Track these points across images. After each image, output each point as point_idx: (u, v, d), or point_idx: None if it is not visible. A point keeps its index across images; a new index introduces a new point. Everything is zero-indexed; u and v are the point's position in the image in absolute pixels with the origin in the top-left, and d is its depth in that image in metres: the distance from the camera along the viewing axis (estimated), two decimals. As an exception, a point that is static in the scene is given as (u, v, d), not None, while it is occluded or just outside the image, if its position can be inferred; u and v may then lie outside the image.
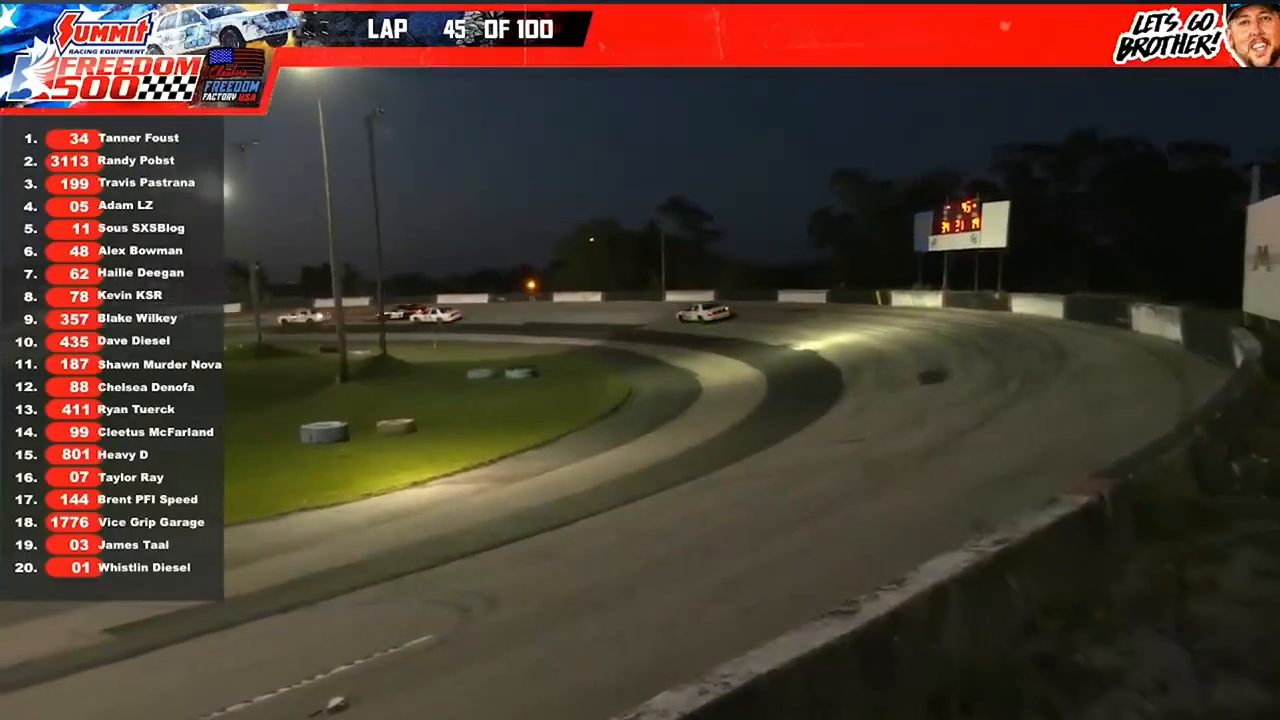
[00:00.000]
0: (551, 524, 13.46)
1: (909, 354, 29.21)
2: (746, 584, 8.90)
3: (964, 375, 23.74)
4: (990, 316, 33.87)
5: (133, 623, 9.61)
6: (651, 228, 70.68)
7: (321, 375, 33.04)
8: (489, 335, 51.16)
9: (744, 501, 13.78)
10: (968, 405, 19.53)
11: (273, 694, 7.27)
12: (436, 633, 8.57)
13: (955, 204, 42.63)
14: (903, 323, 36.04)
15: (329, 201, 33.81)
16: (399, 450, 21.11)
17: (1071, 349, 23.15)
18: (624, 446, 21.34)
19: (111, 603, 10.51)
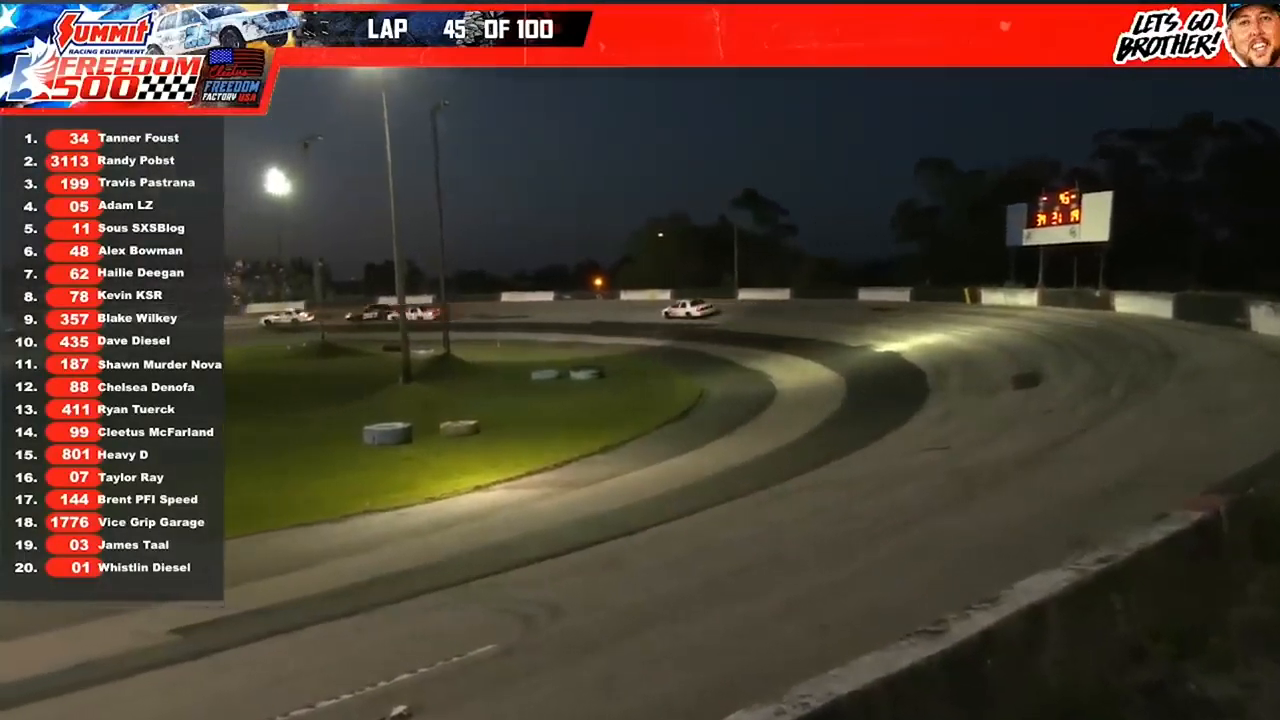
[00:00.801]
0: (618, 532, 13.50)
1: (1000, 356, 28.51)
2: (823, 599, 8.80)
3: (1061, 379, 23.05)
4: (1090, 316, 32.84)
5: (198, 624, 9.95)
6: (723, 223, 70.50)
7: (384, 375, 33.77)
8: (554, 335, 51.63)
9: (820, 512, 13.62)
10: (1065, 412, 18.97)
11: (335, 700, 7.45)
12: (500, 642, 8.67)
13: (1052, 195, 41.45)
14: (993, 322, 35.19)
15: (392, 197, 34.57)
16: (462, 453, 21.45)
17: (1182, 350, 22.31)
18: (693, 452, 21.29)
19: (177, 603, 10.99)
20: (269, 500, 16.87)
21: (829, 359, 34.82)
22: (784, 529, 12.86)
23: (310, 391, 31.93)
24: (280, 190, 62.65)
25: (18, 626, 9.76)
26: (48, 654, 9.10)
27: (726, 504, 15.01)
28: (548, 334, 52.12)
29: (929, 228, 61.61)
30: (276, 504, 16.60)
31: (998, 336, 32.03)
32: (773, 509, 14.36)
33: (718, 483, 17.29)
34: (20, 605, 10.79)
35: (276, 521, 15.39)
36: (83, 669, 8.73)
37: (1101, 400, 19.23)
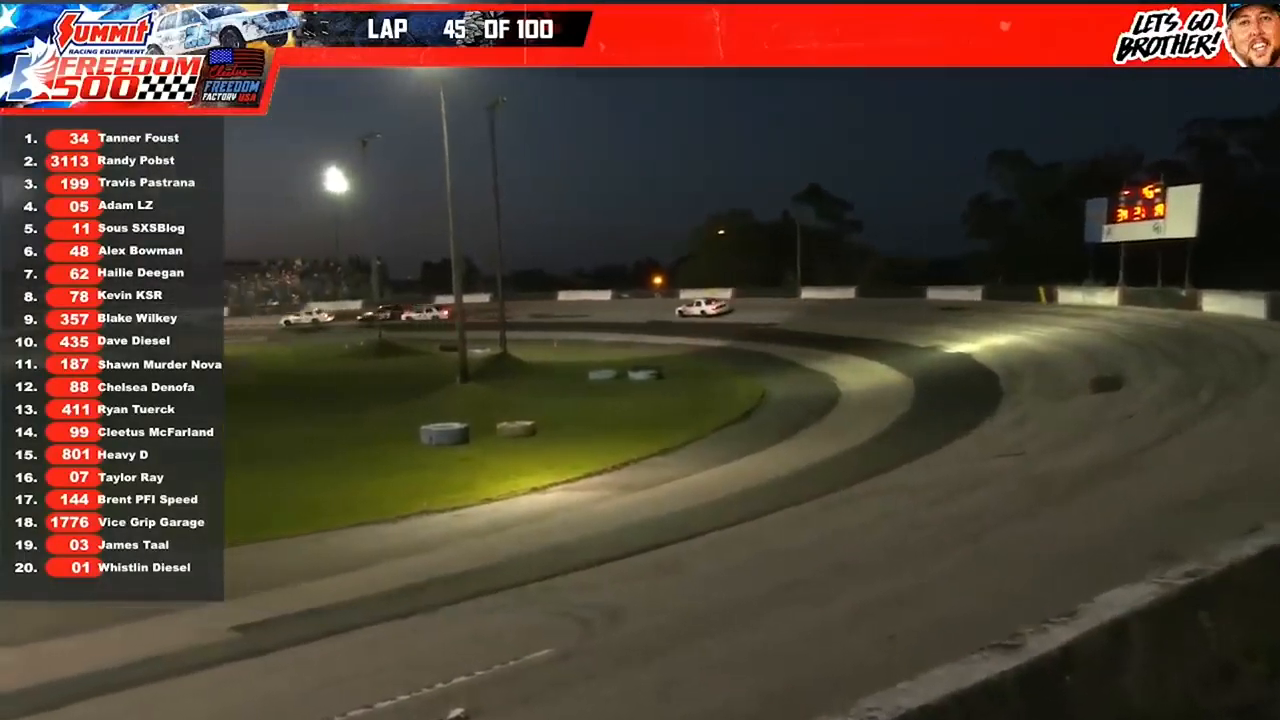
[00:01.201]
0: (677, 536, 13.50)
1: (1078, 358, 27.84)
2: (890, 608, 8.68)
3: (1144, 382, 22.42)
4: (1175, 316, 31.87)
5: (258, 621, 10.23)
6: (786, 219, 69.98)
7: (441, 374, 34.25)
8: (612, 334, 51.79)
9: (887, 518, 13.45)
10: (1148, 416, 18.45)
11: (392, 701, 7.58)
12: (557, 646, 8.73)
13: (1135, 188, 40.29)
14: (1070, 323, 34.36)
15: (449, 195, 35.05)
16: (519, 453, 21.65)
17: (1275, 352, 21.54)
18: (755, 455, 21.20)
19: (240, 599, 11.30)
20: (326, 500, 17.25)
21: (896, 360, 34.36)
22: (849, 535, 12.73)
23: (367, 391, 32.53)
24: (338, 188, 64.05)
25: (87, 621, 10.15)
26: (115, 648, 9.42)
27: (789, 509, 14.91)
28: (605, 333, 52.30)
29: (1002, 224, 60.37)
30: (334, 503, 16.95)
31: (1075, 338, 31.28)
32: (837, 515, 14.23)
33: (780, 487, 17.20)
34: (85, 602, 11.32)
35: (334, 521, 15.71)
36: (148, 664, 9.01)
37: (1188, 405, 18.66)
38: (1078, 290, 42.01)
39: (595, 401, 29.69)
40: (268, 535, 14.85)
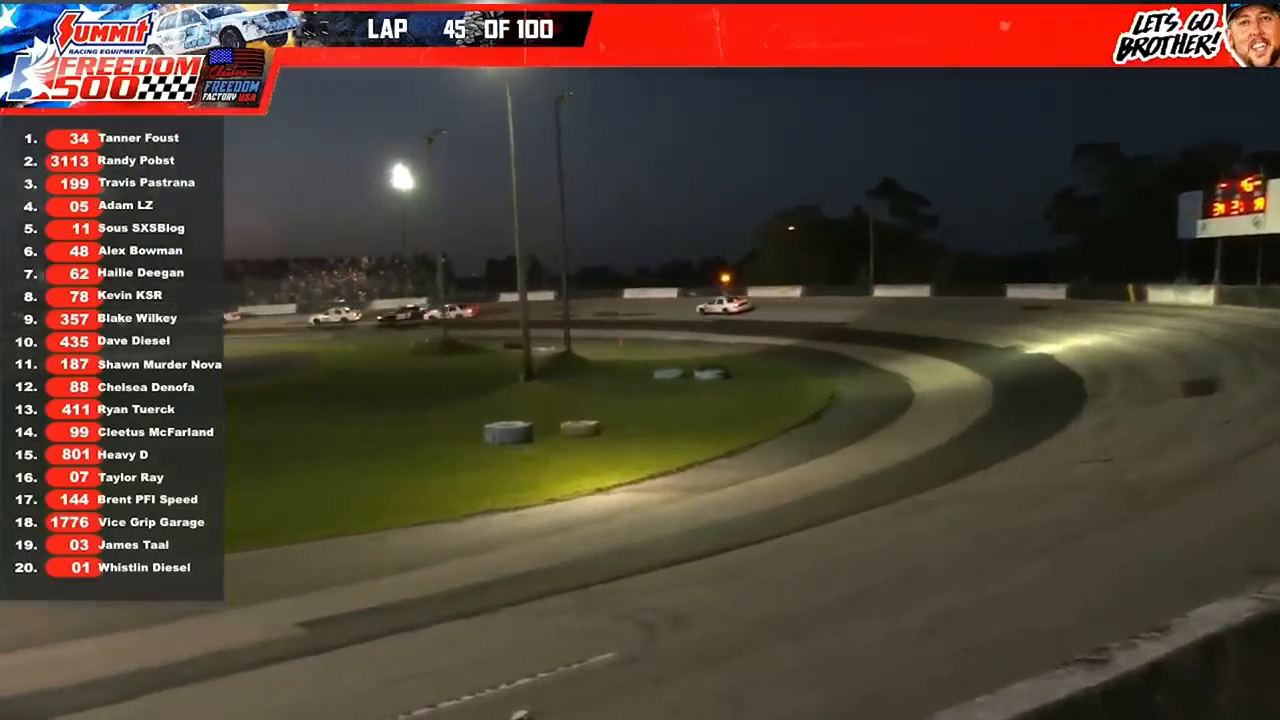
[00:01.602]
0: (744, 540, 13.45)
1: (1169, 360, 27.00)
2: (965, 619, 8.54)
3: (1242, 386, 21.64)
4: (1275, 316, 30.69)
5: (324, 618, 10.48)
6: (858, 215, 69.18)
7: (505, 372, 34.65)
8: (678, 332, 51.81)
9: (963, 526, 13.22)
10: (1246, 422, 17.81)
11: (456, 701, 7.69)
12: (621, 650, 8.77)
13: (1232, 181, 38.96)
14: (1161, 323, 33.34)
15: (514, 192, 35.44)
16: (583, 453, 21.79)
17: (1387, 356, 20.58)
18: (824, 458, 21.01)
19: (305, 595, 11.60)
20: (391, 497, 17.59)
21: (973, 361, 33.76)
22: (923, 542, 12.54)
23: (432, 389, 33.09)
24: (404, 185, 65.22)
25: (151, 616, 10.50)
26: (181, 643, 9.72)
27: (860, 514, 14.75)
28: (671, 332, 52.35)
29: (1088, 219, 58.80)
30: (398, 501, 17.28)
31: (1166, 338, 30.36)
32: (910, 521, 14.03)
33: (851, 491, 17.03)
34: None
35: (398, 519, 16.01)
36: (215, 658, 9.28)
37: (1289, 410, 17.96)
38: (1169, 289, 40.78)
39: (660, 401, 29.73)
40: (333, 532, 15.22)
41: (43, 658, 9.00)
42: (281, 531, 15.24)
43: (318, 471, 20.06)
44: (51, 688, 8.42)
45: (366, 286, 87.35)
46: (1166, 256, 42.95)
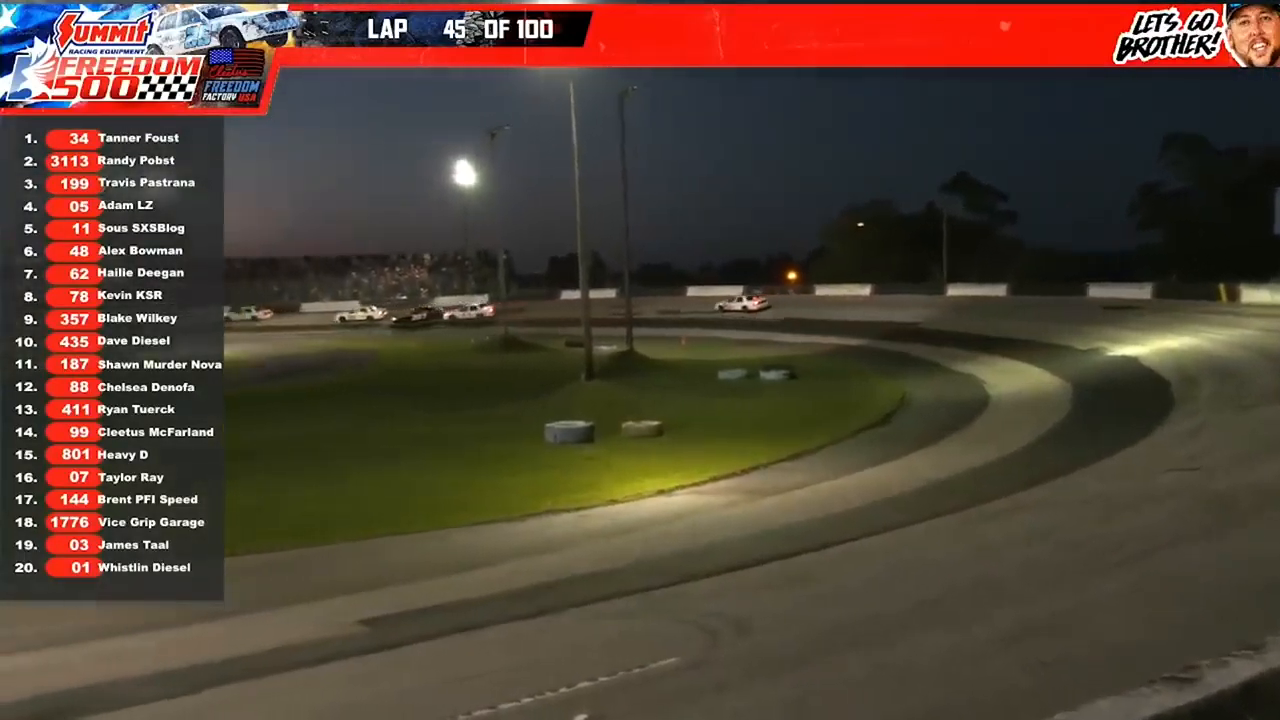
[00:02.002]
0: (810, 546, 13.35)
1: (1263, 363, 26.15)
2: (1043, 632, 8.37)
3: (1342, 392, 20.84)
4: (1380, 318, 29.51)
5: (385, 615, 10.68)
6: (931, 210, 68.18)
7: (566, 371, 34.89)
8: (742, 332, 51.64)
9: (1041, 535, 12.94)
10: (1347, 431, 17.14)
11: (516, 703, 7.76)
12: (683, 655, 8.77)
13: (1334, 174, 37.48)
14: (1256, 324, 32.29)
15: (577, 189, 35.64)
16: (645, 454, 21.85)
17: None
18: (894, 462, 20.77)
19: (367, 593, 11.84)
20: (452, 496, 17.86)
21: (1052, 363, 33.08)
22: (997, 552, 12.32)
23: (493, 387, 33.49)
24: (467, 181, 66.09)
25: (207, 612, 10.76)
26: (242, 638, 9.99)
27: (931, 520, 14.53)
28: (736, 331, 52.20)
29: (1176, 214, 57.16)
30: (460, 500, 17.53)
31: (1261, 341, 29.40)
32: (984, 529, 13.78)
33: (921, 496, 16.81)
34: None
35: (460, 518, 16.24)
36: (277, 654, 9.51)
37: (1395, 418, 17.25)
38: (1264, 289, 39.57)
39: (724, 402, 29.67)
40: (395, 530, 15.51)
41: (102, 650, 9.31)
42: (343, 528, 15.58)
43: (379, 469, 20.45)
44: (112, 680, 8.70)
45: (428, 283, 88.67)
46: (1261, 254, 41.55)
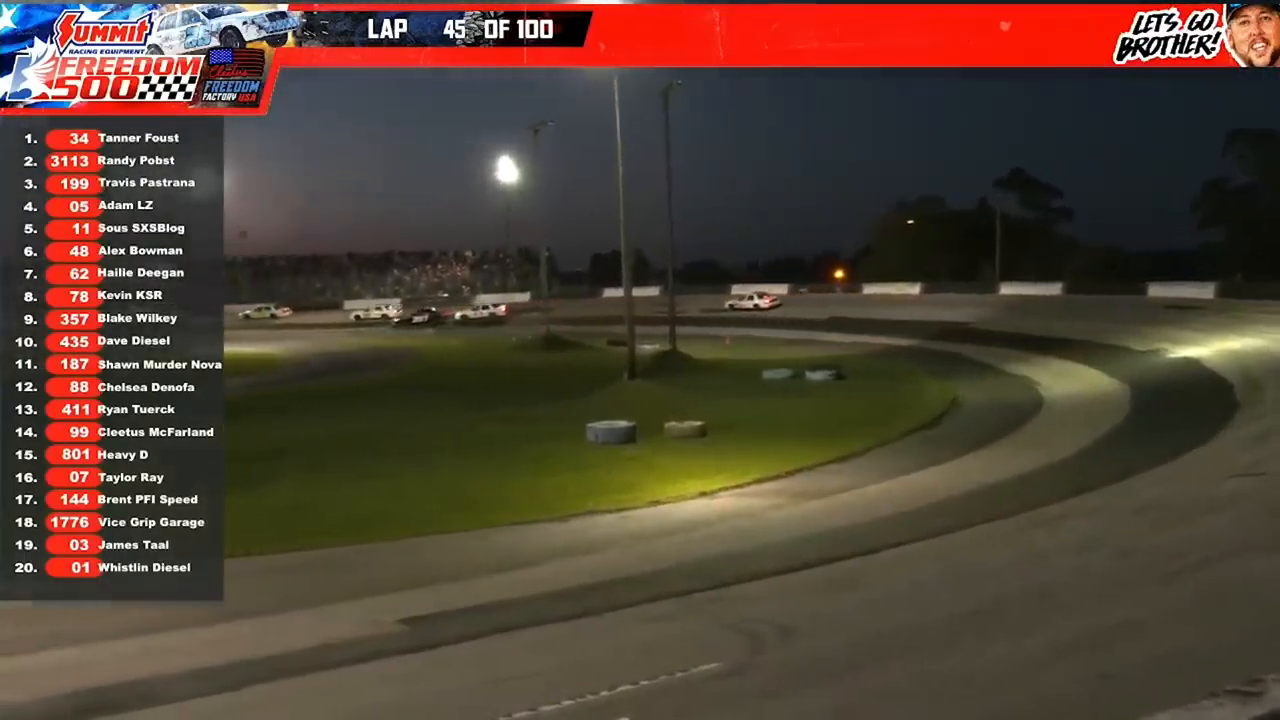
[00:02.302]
0: (856, 550, 13.26)
1: (1334, 366, 25.45)
2: (1101, 643, 8.24)
3: None
4: None
5: (426, 615, 10.78)
6: (983, 207, 67.33)
7: (608, 370, 34.96)
8: (788, 331, 51.39)
9: (1098, 543, 12.74)
10: None
11: (557, 705, 7.80)
12: (725, 660, 8.76)
13: None
14: (1326, 325, 31.46)
15: (620, 186, 35.67)
16: (687, 455, 21.81)
17: None
18: (943, 465, 20.54)
19: (408, 592, 11.95)
20: (494, 495, 17.96)
21: (1109, 364, 32.54)
22: (1051, 559, 12.16)
23: (535, 386, 33.65)
24: (509, 178, 66.49)
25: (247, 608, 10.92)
26: (284, 636, 10.14)
27: (982, 526, 14.37)
28: (781, 330, 51.96)
29: (1242, 211, 55.89)
30: (501, 499, 17.63)
31: (1331, 342, 28.63)
32: (1038, 536, 13.60)
33: (972, 501, 16.60)
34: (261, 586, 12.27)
35: (501, 517, 16.33)
36: (318, 652, 9.63)
37: None
38: (1334, 287, 38.46)
39: (769, 402, 29.53)
40: (436, 529, 15.63)
41: (141, 647, 9.48)
42: (384, 527, 15.74)
43: (420, 468, 20.63)
44: (151, 676, 8.86)
45: (470, 281, 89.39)
46: (1332, 252, 40.48)
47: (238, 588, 12.11)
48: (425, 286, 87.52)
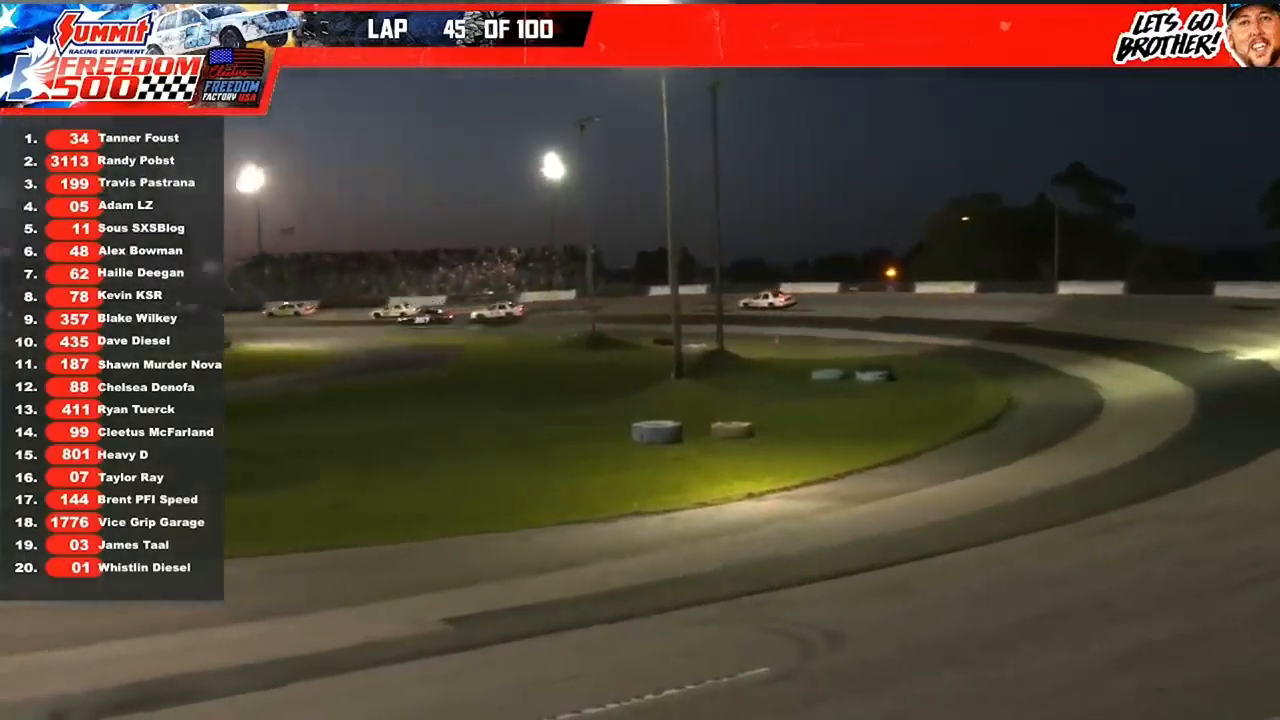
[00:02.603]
0: (906, 555, 13.14)
1: None
2: (1163, 655, 8.11)
3: None
4: None
5: (470, 615, 10.86)
6: (1041, 203, 66.30)
7: (654, 369, 34.96)
8: (838, 330, 51.03)
9: (1160, 551, 12.54)
10: None
11: (601, 708, 7.82)
12: (773, 666, 8.73)
13: None
14: (1404, 327, 30.55)
15: (668, 184, 35.65)
16: (734, 456, 21.75)
17: None
18: (998, 469, 20.27)
19: (452, 591, 12.05)
20: (539, 495, 18.04)
21: (1173, 367, 31.92)
22: (1111, 568, 11.96)
23: (580, 385, 33.74)
24: (555, 174, 66.81)
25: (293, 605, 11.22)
26: (327, 633, 10.27)
27: (1039, 533, 14.18)
28: (831, 329, 51.59)
29: (1314, 208, 54.42)
30: (546, 500, 17.70)
31: None
32: (1097, 543, 13.39)
33: (1028, 507, 16.37)
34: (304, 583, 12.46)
35: (546, 518, 16.40)
36: (362, 650, 9.74)
37: None
38: None
39: (819, 403, 29.33)
40: (481, 529, 15.74)
41: (193, 642, 9.66)
42: (429, 526, 15.89)
43: (463, 466, 20.81)
44: (198, 671, 9.03)
45: (515, 278, 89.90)
46: None
47: (280, 584, 12.46)
48: (470, 284, 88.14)
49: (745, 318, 55.17)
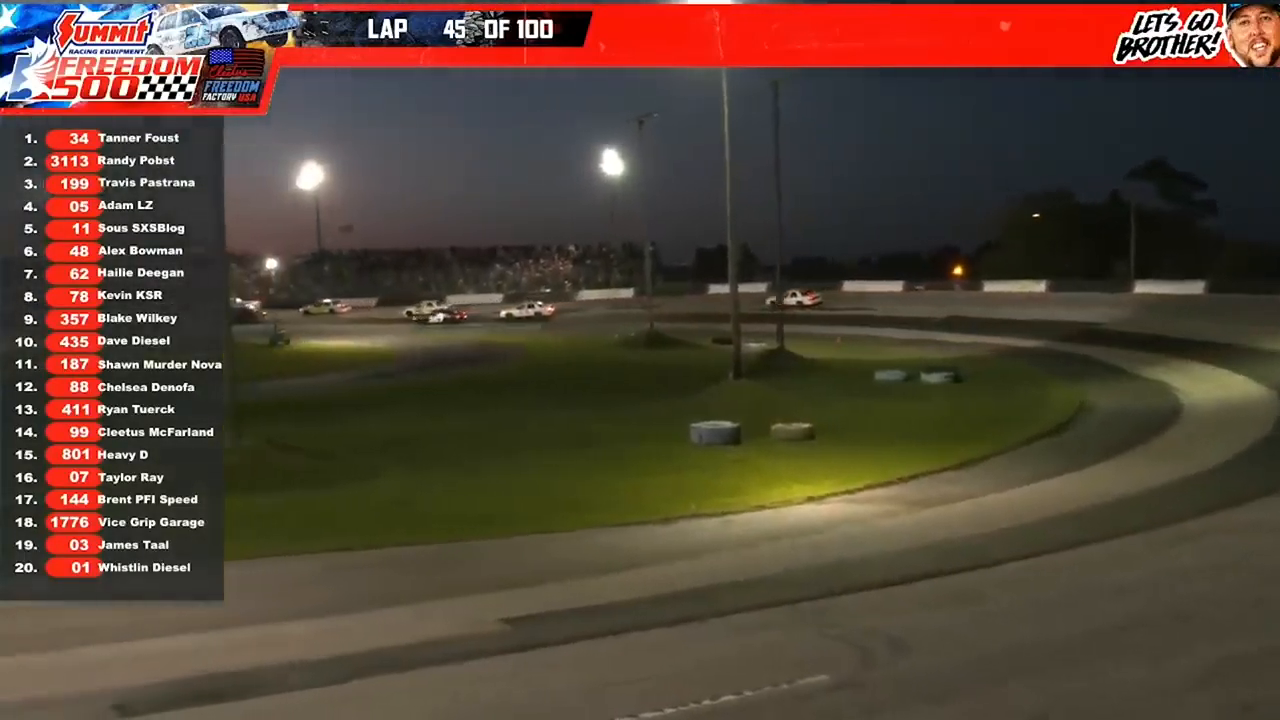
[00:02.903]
0: (975, 563, 12.99)
1: None
2: (1246, 671, 7.92)
3: None
4: None
5: (528, 615, 10.97)
6: (1115, 200, 64.87)
7: (713, 369, 34.89)
8: (902, 330, 50.53)
9: (1242, 562, 12.24)
10: None
11: (659, 713, 7.86)
12: (833, 673, 8.69)
13: None
14: None
15: (728, 181, 35.49)
16: (794, 458, 21.64)
17: None
18: (1069, 475, 19.91)
19: (510, 591, 12.18)
20: (597, 496, 18.13)
21: (1257, 369, 31.10)
22: (1188, 579, 11.71)
23: (637, 384, 33.84)
24: (614, 171, 67.02)
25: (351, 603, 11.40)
26: (387, 631, 10.44)
27: (1112, 542, 13.93)
28: (895, 329, 51.12)
29: None
30: (603, 500, 17.79)
31: None
32: (1174, 553, 13.13)
33: (1100, 514, 16.05)
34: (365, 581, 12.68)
35: (604, 518, 16.49)
36: (421, 648, 9.91)
37: None
38: None
39: (882, 405, 29.07)
40: (538, 528, 15.88)
41: (255, 637, 9.89)
42: (487, 525, 16.07)
43: (522, 466, 20.99)
44: (266, 665, 9.27)
45: (572, 276, 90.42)
46: None
47: (343, 581, 12.69)
48: (527, 281, 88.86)
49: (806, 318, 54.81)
